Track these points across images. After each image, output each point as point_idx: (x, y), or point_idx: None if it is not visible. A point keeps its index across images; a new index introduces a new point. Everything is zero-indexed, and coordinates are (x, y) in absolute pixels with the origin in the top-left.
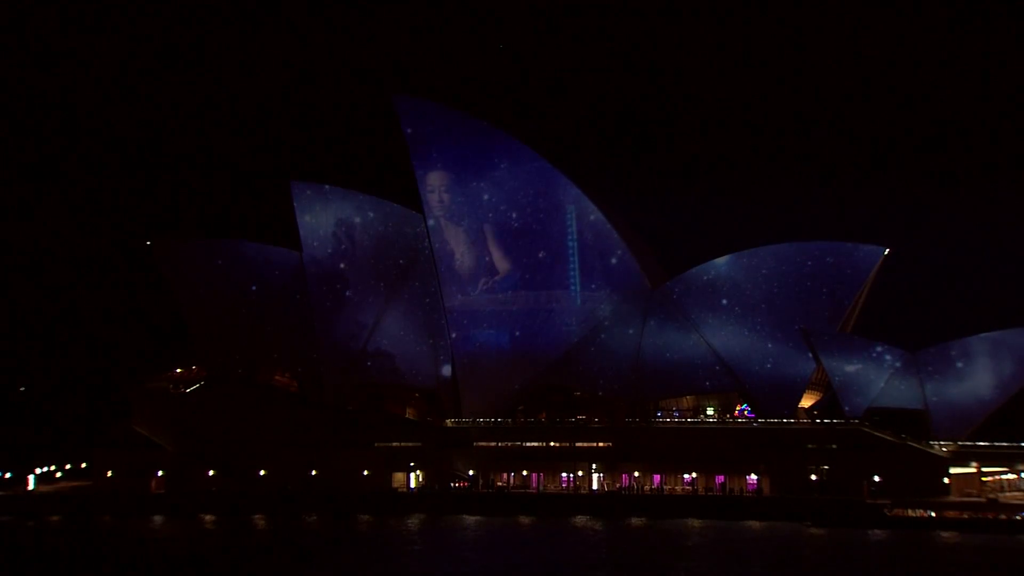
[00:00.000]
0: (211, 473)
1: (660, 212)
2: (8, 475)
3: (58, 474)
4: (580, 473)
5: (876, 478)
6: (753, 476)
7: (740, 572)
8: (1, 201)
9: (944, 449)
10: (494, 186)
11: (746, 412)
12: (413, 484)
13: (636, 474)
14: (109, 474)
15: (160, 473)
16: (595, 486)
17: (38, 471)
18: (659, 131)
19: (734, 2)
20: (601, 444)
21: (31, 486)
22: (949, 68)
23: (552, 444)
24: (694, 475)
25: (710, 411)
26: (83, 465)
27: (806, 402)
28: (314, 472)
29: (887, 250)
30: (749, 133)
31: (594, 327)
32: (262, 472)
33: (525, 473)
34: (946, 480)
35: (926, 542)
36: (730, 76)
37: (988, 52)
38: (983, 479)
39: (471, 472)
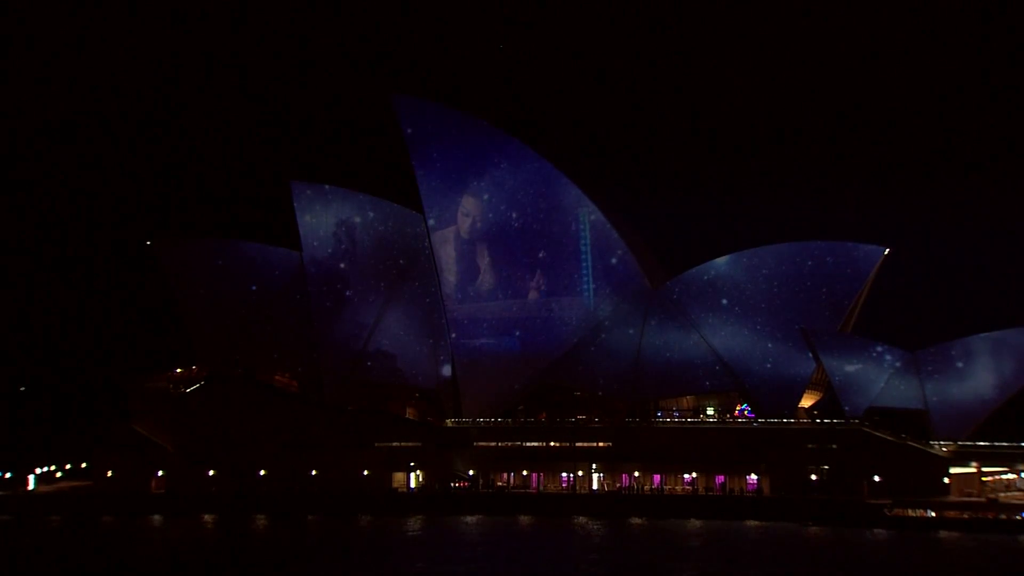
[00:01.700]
0: (211, 473)
1: (660, 212)
2: (8, 475)
3: (58, 474)
4: (580, 473)
5: (876, 478)
6: (753, 476)
7: (740, 572)
8: (0, 201)
9: (944, 449)
10: (494, 186)
11: (746, 412)
12: (413, 484)
13: (636, 474)
14: (109, 474)
15: (160, 473)
16: (595, 486)
17: (38, 471)
18: (659, 131)
19: (735, 2)
20: (601, 444)
21: (31, 486)
22: (949, 67)
23: (552, 444)
24: (694, 475)
25: (710, 411)
26: (83, 465)
27: (806, 402)
28: (314, 472)
29: (887, 250)
30: (749, 133)
31: (594, 327)
32: (262, 472)
33: (525, 473)
34: (946, 480)
35: (926, 542)
36: (731, 76)
37: (988, 51)
38: (983, 479)
39: (471, 472)
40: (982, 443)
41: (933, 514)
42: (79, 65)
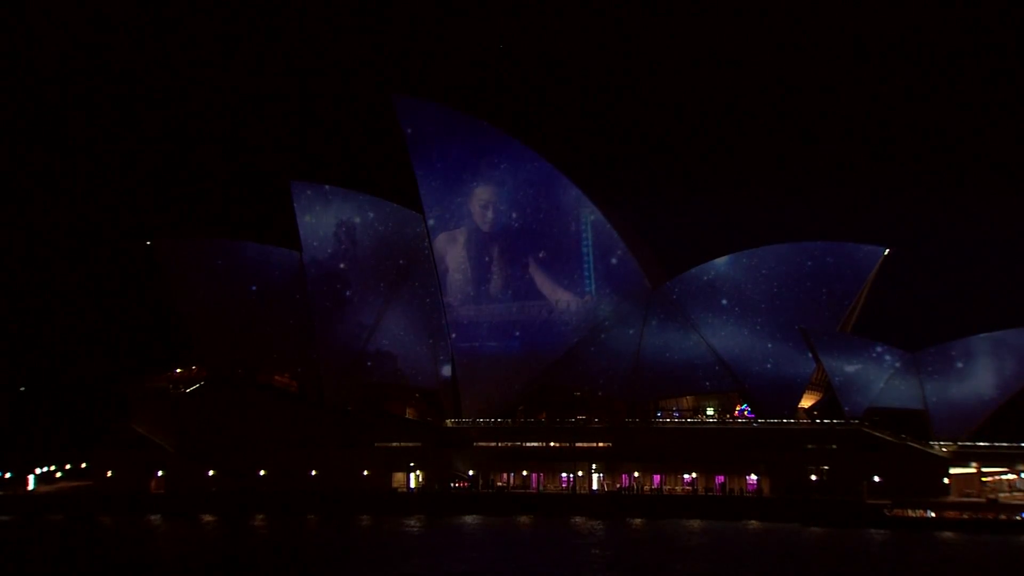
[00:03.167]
0: (211, 473)
1: (660, 212)
2: (8, 475)
3: (58, 474)
4: (580, 473)
5: (876, 478)
6: (753, 476)
7: (740, 572)
8: (1, 201)
9: (944, 449)
10: (494, 186)
11: (746, 412)
12: (413, 484)
13: (636, 474)
14: (109, 474)
15: (160, 473)
16: (595, 486)
17: (38, 471)
18: (659, 131)
19: (734, 2)
20: (601, 444)
21: (31, 486)
22: (950, 67)
23: (552, 444)
24: (694, 475)
25: (710, 411)
26: (83, 465)
27: (806, 402)
28: (314, 472)
29: (887, 250)
30: (749, 133)
31: (594, 327)
32: (262, 472)
33: (525, 473)
34: (946, 480)
35: (926, 542)
36: (731, 76)
37: (989, 51)
38: (983, 479)
39: (471, 472)
40: (982, 443)
41: (933, 514)
42: (79, 64)
